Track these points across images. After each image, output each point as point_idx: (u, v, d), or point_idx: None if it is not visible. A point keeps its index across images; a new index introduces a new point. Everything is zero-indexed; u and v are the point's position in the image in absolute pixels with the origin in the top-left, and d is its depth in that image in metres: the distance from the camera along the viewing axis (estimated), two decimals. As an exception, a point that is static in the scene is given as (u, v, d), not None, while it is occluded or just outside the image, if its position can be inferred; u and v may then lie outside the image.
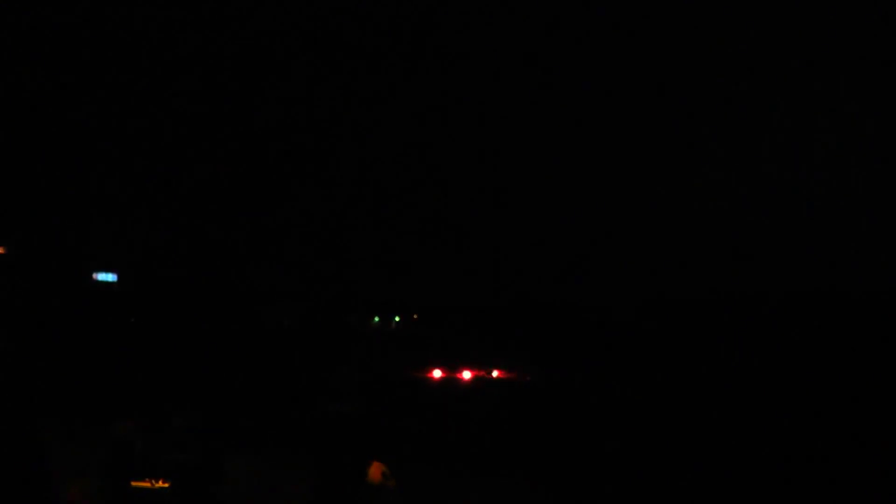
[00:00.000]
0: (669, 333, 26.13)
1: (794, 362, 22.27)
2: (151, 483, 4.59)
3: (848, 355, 22.15)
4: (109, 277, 32.31)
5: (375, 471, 5.23)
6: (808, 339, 24.10)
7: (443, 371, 23.02)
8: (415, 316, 31.62)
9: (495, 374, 23.07)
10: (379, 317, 31.98)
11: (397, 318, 31.82)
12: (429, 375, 22.83)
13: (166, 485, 4.62)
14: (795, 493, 9.88)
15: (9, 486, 2.89)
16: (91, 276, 31.72)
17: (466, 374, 22.81)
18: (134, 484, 4.71)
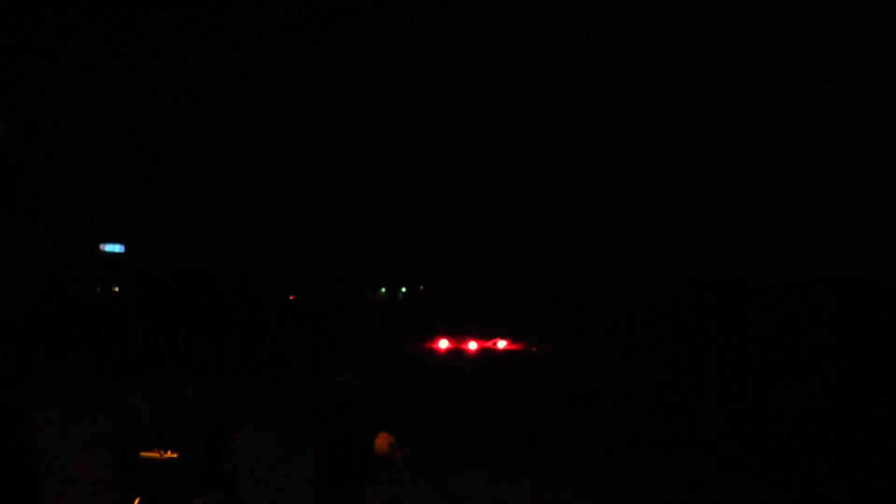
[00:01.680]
0: (692, 310, 25.93)
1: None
2: (160, 454, 4.59)
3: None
4: (117, 248, 32.41)
5: (382, 442, 5.21)
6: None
7: (449, 341, 23.06)
8: (421, 287, 31.60)
9: (501, 344, 23.03)
10: (385, 288, 31.99)
11: (403, 290, 31.81)
12: (434, 346, 22.83)
13: (174, 455, 4.62)
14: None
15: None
16: (98, 247, 31.78)
17: (472, 345, 22.79)
18: (143, 455, 4.72)
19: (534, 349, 22.93)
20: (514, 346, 23.13)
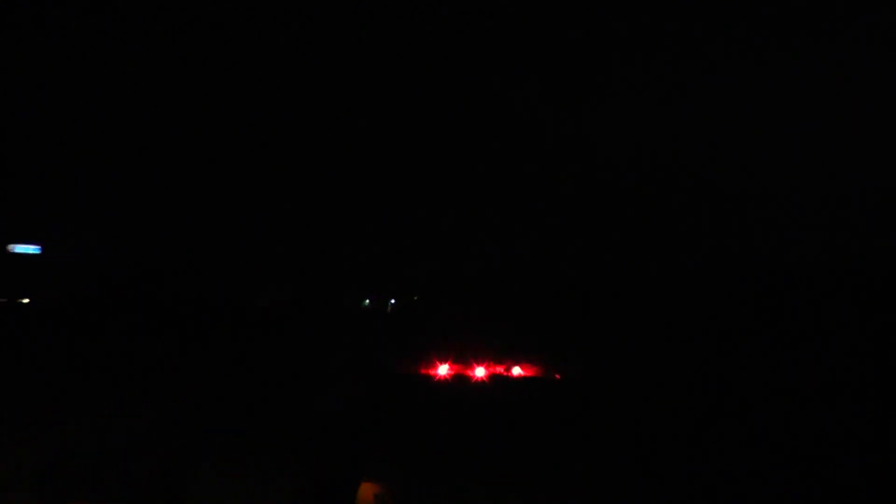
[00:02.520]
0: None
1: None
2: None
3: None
4: (30, 250, 32.27)
5: (367, 492, 5.35)
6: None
7: (450, 366, 22.89)
8: (415, 297, 31.31)
9: (516, 371, 22.76)
10: (370, 299, 31.79)
11: (392, 301, 31.60)
12: (432, 372, 22.68)
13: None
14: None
15: None
16: (6, 249, 31.68)
17: (480, 371, 22.63)
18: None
19: (557, 377, 22.72)
20: (531, 373, 22.90)
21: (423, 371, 22.88)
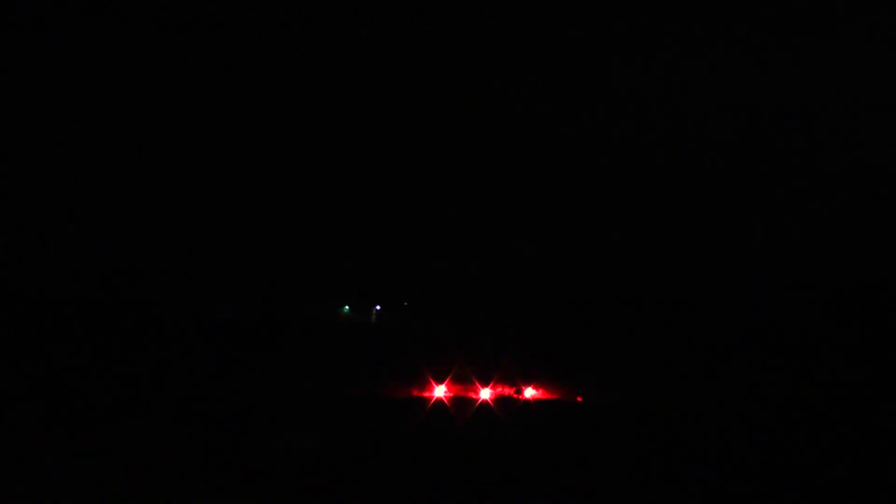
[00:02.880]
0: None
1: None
2: None
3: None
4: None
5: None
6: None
7: (449, 387, 21.59)
8: (405, 304, 29.75)
9: (529, 392, 21.04)
10: (350, 306, 30.05)
11: (378, 308, 29.93)
12: (426, 395, 21.36)
13: None
14: None
15: None
16: None
17: (485, 393, 21.15)
18: None
19: (579, 399, 20.88)
20: (547, 395, 21.26)
21: (416, 394, 21.61)
